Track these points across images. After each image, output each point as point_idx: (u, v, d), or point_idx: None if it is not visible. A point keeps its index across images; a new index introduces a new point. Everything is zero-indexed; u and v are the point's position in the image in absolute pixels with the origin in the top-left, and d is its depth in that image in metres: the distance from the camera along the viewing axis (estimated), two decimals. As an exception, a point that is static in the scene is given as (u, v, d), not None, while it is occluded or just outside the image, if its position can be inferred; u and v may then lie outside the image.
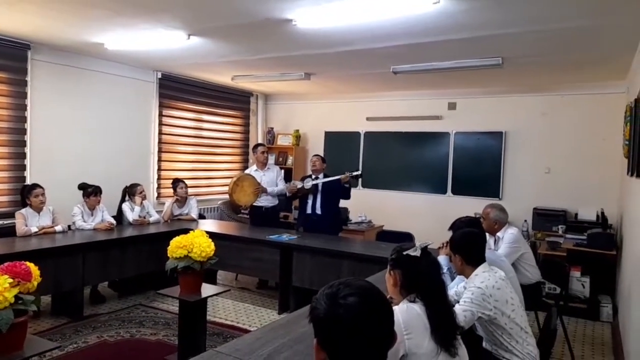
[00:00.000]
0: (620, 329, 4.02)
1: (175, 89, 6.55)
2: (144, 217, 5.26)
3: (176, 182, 5.65)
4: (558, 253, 4.83)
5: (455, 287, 2.67)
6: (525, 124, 6.18)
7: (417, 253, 1.83)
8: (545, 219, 5.72)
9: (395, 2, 3.18)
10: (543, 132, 6.07)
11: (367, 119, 7.25)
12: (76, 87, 5.41)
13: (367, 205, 6.63)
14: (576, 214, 5.69)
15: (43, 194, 4.43)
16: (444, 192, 6.69)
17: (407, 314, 1.71)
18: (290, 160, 7.71)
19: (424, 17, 3.48)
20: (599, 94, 5.70)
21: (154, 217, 5.34)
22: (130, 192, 5.24)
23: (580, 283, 4.79)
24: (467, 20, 3.50)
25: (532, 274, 3.75)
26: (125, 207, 5.19)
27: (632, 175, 3.74)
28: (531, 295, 3.49)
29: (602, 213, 5.36)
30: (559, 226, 5.54)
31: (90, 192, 4.78)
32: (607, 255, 4.67)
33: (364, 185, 7.14)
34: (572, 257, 4.74)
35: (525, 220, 5.90)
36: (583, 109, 5.81)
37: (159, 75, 6.29)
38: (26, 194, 4.41)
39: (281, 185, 5.57)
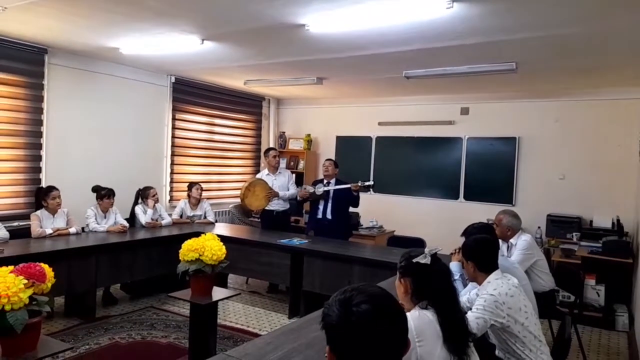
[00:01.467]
0: (637, 338, 3.95)
1: (189, 93, 6.62)
2: (157, 220, 5.30)
3: (192, 184, 5.71)
4: (572, 260, 4.76)
5: (468, 294, 2.65)
6: (539, 130, 6.11)
7: (427, 260, 1.80)
8: (559, 226, 5.64)
9: (408, 6, 3.18)
10: (557, 138, 6.00)
11: (379, 123, 7.23)
12: (91, 90, 5.49)
13: (378, 210, 6.60)
14: (591, 221, 5.61)
15: (59, 196, 4.49)
16: (456, 197, 6.64)
17: (419, 321, 1.69)
18: (301, 165, 7.72)
19: (437, 22, 3.46)
20: (614, 99, 5.62)
21: (166, 220, 5.38)
22: (143, 195, 5.29)
23: (595, 291, 4.71)
24: (480, 24, 3.48)
25: (545, 282, 3.70)
26: (138, 209, 5.24)
27: (649, 182, 3.68)
28: (545, 303, 3.43)
29: (618, 220, 5.27)
30: (574, 233, 5.46)
31: (104, 194, 4.83)
32: (623, 263, 4.59)
33: (375, 190, 7.12)
34: (587, 264, 4.67)
35: (539, 227, 5.82)
36: (598, 114, 5.74)
37: (173, 80, 6.35)
38: (42, 196, 4.47)
39: (292, 190, 5.58)
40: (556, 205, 5.87)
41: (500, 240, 3.50)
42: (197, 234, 3.60)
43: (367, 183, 5.02)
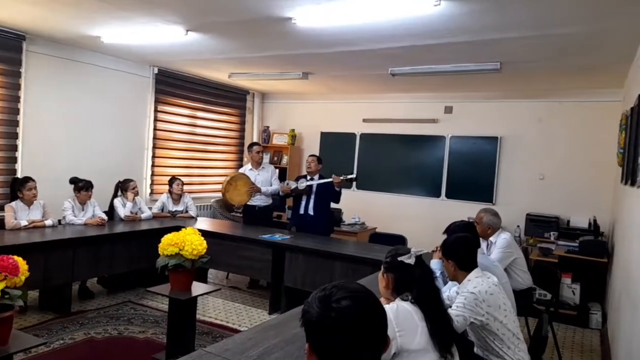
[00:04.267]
0: (609, 336, 4.04)
1: (172, 85, 6.51)
2: (136, 214, 5.21)
3: (173, 179, 5.63)
4: (550, 259, 4.84)
5: (448, 291, 2.66)
6: (521, 130, 6.19)
7: (412, 261, 1.85)
8: (538, 225, 5.74)
9: (395, 2, 3.17)
10: (538, 139, 6.09)
11: (364, 120, 7.24)
12: (71, 79, 5.35)
13: (360, 206, 6.62)
14: (568, 221, 5.72)
15: (35, 187, 4.37)
16: (438, 195, 6.70)
17: (398, 312, 1.74)
18: (285, 160, 7.69)
19: (424, 19, 3.47)
20: (595, 101, 5.73)
21: (146, 213, 5.30)
22: (123, 187, 5.19)
23: (570, 290, 4.80)
24: (467, 23, 3.50)
25: (523, 280, 3.76)
26: (117, 202, 5.14)
27: (626, 183, 3.76)
28: (522, 301, 3.49)
29: (595, 220, 5.38)
30: (551, 232, 5.56)
31: (81, 186, 4.72)
32: (598, 263, 4.69)
33: (358, 187, 7.13)
34: (564, 263, 4.75)
35: (518, 226, 5.91)
36: (579, 116, 5.84)
37: (156, 71, 6.24)
38: (18, 187, 4.35)
39: (275, 185, 5.54)
40: (535, 205, 5.96)
41: (480, 238, 3.55)
42: (177, 228, 3.55)
43: (349, 176, 4.99)
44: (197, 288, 3.47)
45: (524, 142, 6.17)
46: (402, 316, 1.73)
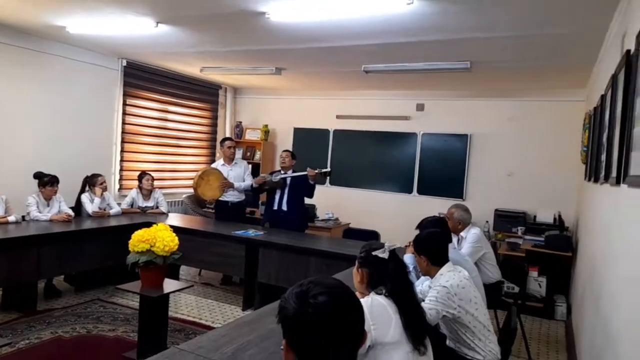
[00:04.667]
0: (574, 327, 4.19)
1: (141, 78, 6.35)
2: (104, 209, 5.08)
3: (142, 174, 5.51)
4: (517, 253, 4.98)
5: (420, 285, 2.71)
6: (490, 128, 6.33)
7: (385, 255, 1.88)
8: (506, 220, 5.90)
9: (369, 0, 3.18)
10: (507, 137, 6.24)
11: (337, 116, 7.25)
12: (35, 71, 5.15)
13: (334, 202, 6.65)
14: (535, 216, 5.89)
15: (-4, 182, 4.21)
16: (410, 191, 6.79)
17: (372, 306, 1.77)
18: (258, 155, 7.63)
19: (397, 17, 3.50)
20: (561, 101, 5.91)
21: (115, 209, 5.17)
22: (91, 182, 5.05)
23: (537, 283, 4.96)
24: (439, 22, 3.55)
25: (492, 273, 3.86)
26: (85, 198, 4.99)
27: (589, 180, 3.90)
28: (491, 294, 3.56)
29: (560, 216, 5.57)
30: (519, 227, 5.71)
31: (46, 181, 4.56)
32: (563, 257, 4.86)
33: (332, 183, 7.15)
34: (531, 257, 4.91)
35: (487, 221, 6.06)
36: (545, 115, 6.01)
37: (124, 63, 6.08)
38: (-23, 182, 4.17)
39: (248, 181, 5.49)
40: (504, 201, 6.12)
41: (451, 233, 3.62)
42: (148, 224, 3.48)
43: (324, 170, 5.00)
44: (169, 285, 3.42)
45: (493, 140, 6.32)
46: (376, 310, 1.76)
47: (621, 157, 2.14)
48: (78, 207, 4.99)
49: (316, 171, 4.90)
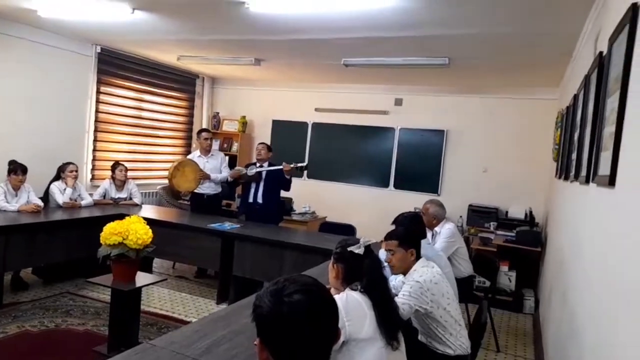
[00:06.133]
0: (541, 320, 4.32)
1: (116, 66, 6.19)
2: (75, 200, 4.95)
3: (116, 164, 5.38)
4: (489, 248, 5.09)
5: (394, 280, 2.74)
6: (466, 124, 6.42)
7: (361, 251, 1.90)
8: (479, 216, 6.01)
9: (350, -6, 3.18)
10: (482, 133, 6.34)
11: (316, 109, 7.23)
12: (4, 56, 4.95)
13: (311, 196, 6.64)
14: (507, 212, 6.02)
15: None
16: (387, 186, 6.84)
17: (347, 301, 1.78)
18: (235, 147, 7.55)
19: (378, 12, 3.49)
20: (535, 99, 6.03)
21: (87, 200, 5.04)
22: (61, 170, 4.90)
23: (507, 277, 5.08)
24: (419, 17, 3.56)
25: (465, 268, 3.94)
26: (54, 188, 4.85)
27: (560, 177, 4.00)
28: (463, 288, 3.64)
29: (530, 212, 5.70)
30: (491, 223, 5.83)
31: (11, 169, 4.41)
32: (532, 252, 4.98)
33: (309, 176, 7.15)
34: (502, 252, 5.02)
35: (461, 216, 6.16)
36: (519, 112, 6.13)
37: (98, 50, 5.90)
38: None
39: (225, 173, 5.44)
40: (477, 196, 6.23)
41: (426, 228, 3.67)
42: (121, 216, 3.41)
43: (300, 164, 4.97)
44: (142, 278, 3.36)
45: (469, 136, 6.42)
46: (351, 305, 1.77)
47: (591, 156, 2.20)
48: (47, 196, 4.84)
49: (292, 165, 4.87)
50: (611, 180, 1.68)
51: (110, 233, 3.06)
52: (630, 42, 1.62)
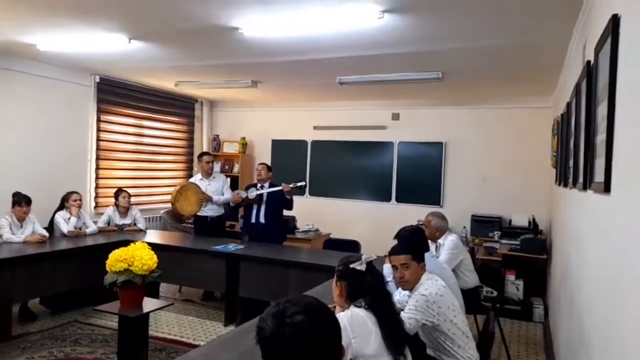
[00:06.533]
0: (551, 328, 4.29)
1: (115, 94, 6.28)
2: (80, 228, 4.98)
3: (119, 191, 5.43)
4: (494, 258, 5.08)
5: (398, 295, 2.74)
6: (464, 135, 6.47)
7: (363, 267, 1.92)
8: (483, 225, 6.01)
9: (340, 15, 3.24)
10: (480, 143, 6.38)
11: (314, 127, 7.30)
12: (6, 90, 5.05)
13: (314, 213, 6.66)
14: (510, 220, 6.02)
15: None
16: (389, 200, 6.86)
17: (352, 319, 1.80)
18: (236, 168, 7.61)
19: (369, 31, 3.56)
20: (531, 107, 6.09)
21: (91, 228, 5.07)
22: (65, 200, 4.94)
23: (514, 286, 5.06)
24: (409, 35, 3.63)
25: (470, 279, 3.93)
26: (59, 217, 4.89)
27: (559, 184, 4.02)
28: (470, 299, 3.63)
29: (534, 219, 5.70)
30: (495, 232, 5.83)
31: (15, 201, 4.45)
32: (538, 259, 4.97)
33: (311, 194, 7.18)
34: (507, 261, 5.01)
35: (464, 227, 6.16)
36: (516, 121, 6.18)
37: (97, 79, 6.00)
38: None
39: (227, 194, 5.47)
40: (480, 206, 6.24)
41: (429, 241, 3.68)
42: (125, 243, 3.44)
43: (299, 184, 4.99)
44: (149, 304, 3.37)
45: (467, 147, 6.45)
46: (356, 322, 1.78)
47: (586, 164, 2.22)
48: (52, 226, 4.88)
49: (291, 186, 4.90)
50: (606, 187, 1.70)
51: (116, 260, 3.09)
52: (614, 52, 1.66)
